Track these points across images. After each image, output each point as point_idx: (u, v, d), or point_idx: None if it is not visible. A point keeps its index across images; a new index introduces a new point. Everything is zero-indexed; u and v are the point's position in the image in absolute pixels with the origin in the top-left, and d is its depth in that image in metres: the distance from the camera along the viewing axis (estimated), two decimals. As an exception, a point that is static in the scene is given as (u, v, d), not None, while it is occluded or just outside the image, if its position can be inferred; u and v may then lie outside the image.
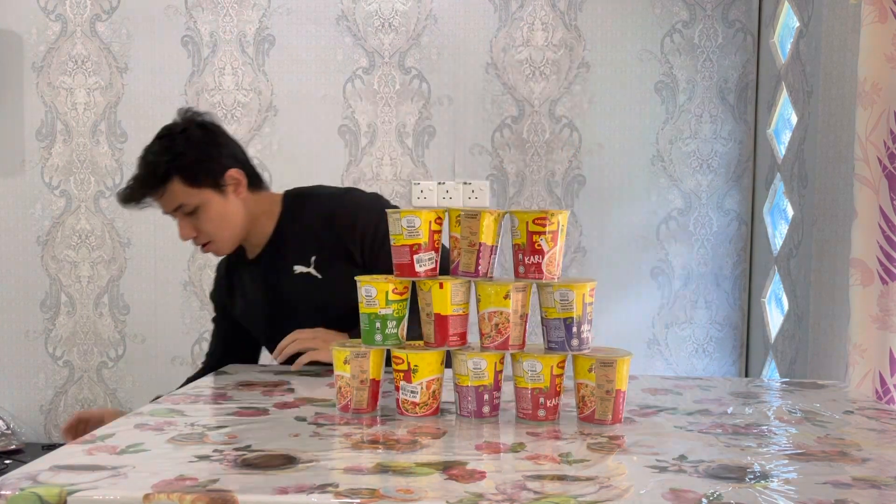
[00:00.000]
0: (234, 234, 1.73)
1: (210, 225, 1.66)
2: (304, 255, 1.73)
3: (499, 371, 1.29)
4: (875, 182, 1.73)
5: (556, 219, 1.28)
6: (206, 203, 1.65)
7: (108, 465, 1.01)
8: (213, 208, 1.66)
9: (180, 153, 1.65)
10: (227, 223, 1.69)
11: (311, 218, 1.74)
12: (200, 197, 1.65)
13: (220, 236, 1.69)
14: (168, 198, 1.64)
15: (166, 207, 1.66)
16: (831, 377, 1.99)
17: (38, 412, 3.02)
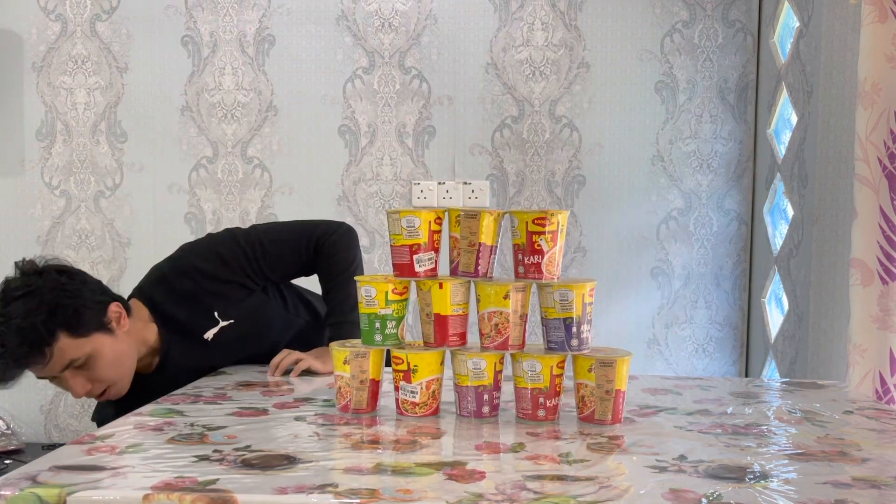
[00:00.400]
0: (131, 370, 1.57)
1: (107, 371, 1.50)
2: (204, 319, 1.64)
3: (499, 371, 1.30)
4: (875, 182, 1.73)
5: (555, 219, 1.28)
6: (99, 349, 1.48)
7: (108, 465, 1.01)
8: (106, 352, 1.49)
9: (57, 305, 1.44)
10: (123, 362, 1.54)
11: (185, 286, 1.63)
12: (92, 344, 1.47)
13: (118, 377, 1.53)
14: (57, 358, 1.43)
15: (54, 370, 1.44)
16: (831, 377, 1.99)
17: (38, 412, 3.02)
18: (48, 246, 2.97)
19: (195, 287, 1.64)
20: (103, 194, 2.95)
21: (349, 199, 2.87)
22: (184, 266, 1.66)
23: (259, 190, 2.90)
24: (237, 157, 2.91)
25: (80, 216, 2.96)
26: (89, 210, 2.96)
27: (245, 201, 2.91)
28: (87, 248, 2.97)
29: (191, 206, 2.93)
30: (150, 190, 2.94)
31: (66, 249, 2.97)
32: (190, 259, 1.66)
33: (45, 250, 2.97)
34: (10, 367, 1.40)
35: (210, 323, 1.65)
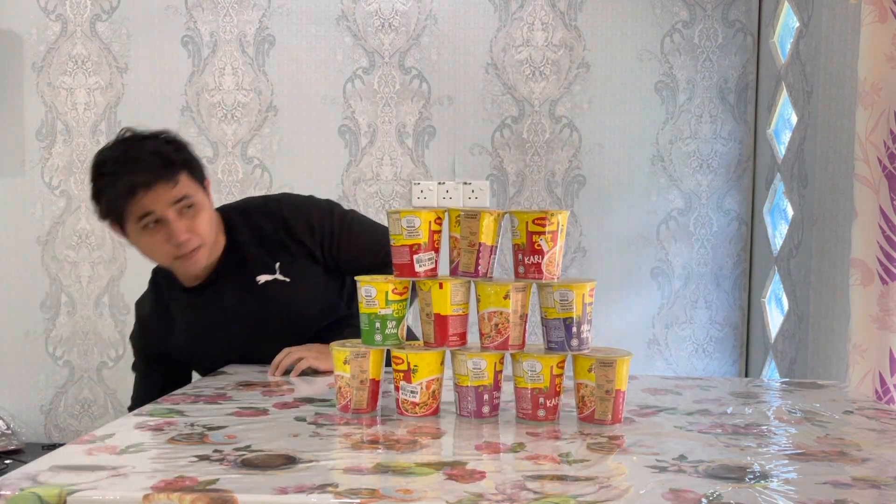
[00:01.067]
0: (215, 243, 1.63)
1: (206, 225, 1.56)
2: (266, 264, 1.66)
3: (499, 371, 1.30)
4: (875, 182, 1.73)
5: (555, 219, 1.28)
6: (203, 202, 1.57)
7: (108, 465, 1.01)
8: (207, 208, 1.59)
9: (184, 146, 1.58)
10: (214, 227, 1.61)
11: (265, 227, 1.67)
12: (200, 195, 1.57)
13: (210, 239, 1.59)
14: (177, 188, 1.51)
15: (169, 199, 1.50)
16: (831, 377, 1.99)
17: (38, 412, 3.02)
18: (48, 246, 2.97)
19: (273, 233, 1.66)
20: (103, 194, 2.95)
21: (349, 199, 2.87)
22: (274, 210, 1.70)
23: (259, 190, 2.90)
24: (237, 157, 2.91)
25: (80, 216, 2.96)
26: (89, 210, 2.96)
27: (245, 201, 2.91)
28: (87, 248, 2.97)
29: (191, 206, 2.92)
30: (150, 190, 2.94)
31: (66, 249, 2.97)
32: (283, 208, 1.70)
33: (45, 250, 2.97)
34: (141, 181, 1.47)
35: (267, 271, 1.66)
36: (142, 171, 1.48)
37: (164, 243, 1.54)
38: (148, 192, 1.49)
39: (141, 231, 1.53)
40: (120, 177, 1.49)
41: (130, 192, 1.48)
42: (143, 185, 1.48)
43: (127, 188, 1.48)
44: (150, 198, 1.50)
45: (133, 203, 1.49)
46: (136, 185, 1.48)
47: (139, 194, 1.48)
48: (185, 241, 1.53)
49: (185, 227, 1.53)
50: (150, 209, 1.51)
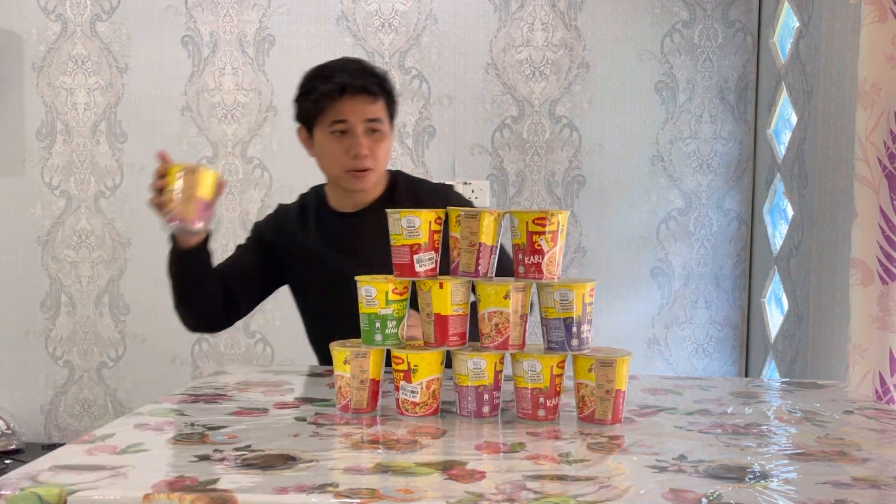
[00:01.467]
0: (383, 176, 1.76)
1: (384, 155, 1.70)
2: None
3: (499, 371, 1.30)
4: (875, 182, 1.73)
5: (556, 219, 1.28)
6: (387, 134, 1.70)
7: (108, 465, 1.01)
8: (388, 142, 1.71)
9: (392, 85, 1.73)
10: (386, 162, 1.73)
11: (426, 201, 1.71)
12: (388, 128, 1.70)
13: (381, 168, 1.72)
14: (374, 107, 1.67)
15: (364, 114, 1.65)
16: (831, 377, 1.99)
17: (38, 412, 3.02)
18: (48, 246, 2.97)
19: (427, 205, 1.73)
20: (103, 194, 2.95)
21: (349, 199, 2.87)
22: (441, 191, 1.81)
23: (259, 190, 2.91)
24: (237, 157, 2.91)
25: (80, 216, 2.96)
26: (89, 210, 2.96)
27: (245, 201, 2.92)
28: (87, 248, 2.97)
29: (191, 206, 2.92)
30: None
31: (66, 249, 2.97)
32: (451, 194, 1.81)
33: (45, 250, 2.97)
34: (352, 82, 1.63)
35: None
36: (357, 78, 1.66)
37: (343, 153, 1.66)
38: (353, 98, 1.64)
39: (328, 136, 1.67)
40: (336, 77, 1.66)
41: (340, 90, 1.63)
42: (352, 88, 1.64)
43: (338, 86, 1.64)
44: (351, 105, 1.64)
45: (337, 104, 1.64)
46: (347, 85, 1.64)
47: (346, 95, 1.64)
48: (363, 157, 1.66)
49: (368, 145, 1.66)
50: (346, 117, 1.65)
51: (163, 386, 2.95)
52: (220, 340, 2.95)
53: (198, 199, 1.46)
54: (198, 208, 1.47)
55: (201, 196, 1.46)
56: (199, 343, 2.95)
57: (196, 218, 1.47)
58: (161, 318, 2.96)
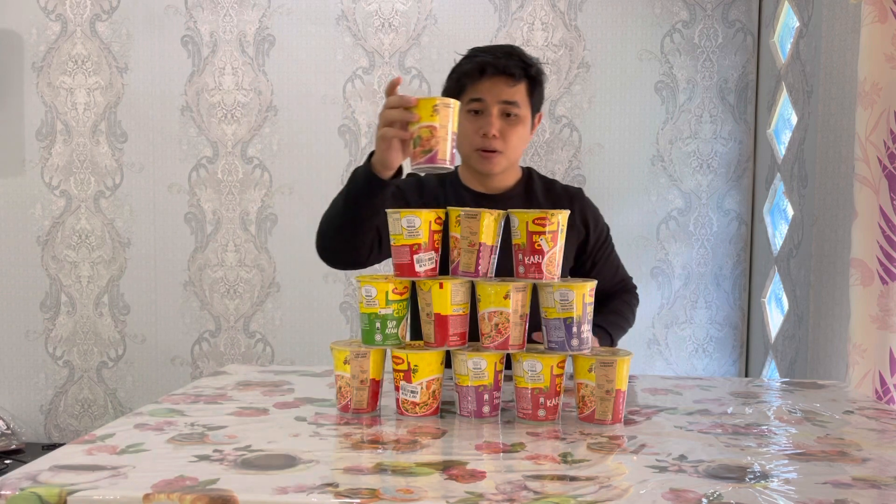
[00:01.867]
0: (515, 163, 1.74)
1: (514, 139, 1.66)
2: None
3: (499, 371, 1.30)
4: (875, 182, 1.73)
5: (556, 219, 1.28)
6: (524, 120, 1.67)
7: (108, 465, 1.01)
8: (524, 129, 1.68)
9: (542, 76, 1.70)
10: (519, 149, 1.70)
11: (562, 198, 1.77)
12: (525, 114, 1.67)
13: (512, 154, 1.68)
14: (513, 90, 1.64)
15: (500, 96, 1.63)
16: (831, 377, 1.99)
17: (38, 412, 3.02)
18: (48, 246, 2.97)
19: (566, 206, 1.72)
20: (103, 194, 2.96)
21: (349, 199, 2.87)
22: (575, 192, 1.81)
23: (259, 190, 2.91)
24: (237, 157, 2.91)
25: (80, 216, 2.96)
26: (89, 210, 2.96)
27: (245, 201, 2.92)
28: (87, 248, 2.97)
29: (191, 206, 2.93)
30: (150, 190, 2.94)
31: (66, 249, 2.97)
32: (583, 195, 1.82)
33: (45, 250, 2.97)
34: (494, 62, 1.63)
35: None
36: (499, 59, 1.64)
37: (475, 132, 1.65)
38: (492, 79, 1.63)
39: (465, 114, 1.66)
40: (480, 58, 1.65)
41: (480, 70, 1.63)
42: (492, 68, 1.63)
43: (479, 65, 1.64)
44: (489, 85, 1.63)
45: (476, 83, 1.64)
46: (487, 65, 1.63)
47: (486, 75, 1.63)
48: (491, 137, 1.64)
49: (499, 128, 1.64)
50: (483, 96, 1.64)
51: (163, 386, 2.95)
52: (219, 340, 2.95)
53: (453, 136, 1.35)
54: (452, 146, 1.35)
55: (454, 132, 1.36)
56: (199, 343, 2.95)
57: (452, 157, 1.36)
58: (161, 318, 2.96)
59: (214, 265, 2.94)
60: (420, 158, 1.33)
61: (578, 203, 1.78)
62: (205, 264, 2.93)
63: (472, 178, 1.75)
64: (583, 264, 1.80)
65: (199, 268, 2.93)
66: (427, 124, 1.34)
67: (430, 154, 1.33)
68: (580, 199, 1.80)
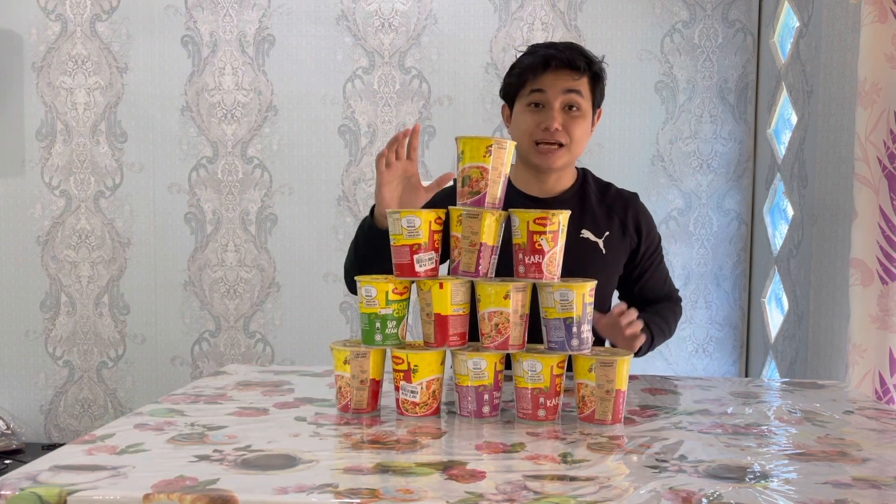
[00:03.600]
0: (577, 155, 1.69)
1: (578, 132, 1.62)
2: (597, 226, 1.69)
3: (499, 371, 1.30)
4: (875, 182, 1.73)
5: (556, 219, 1.28)
6: (585, 115, 1.63)
7: (108, 465, 1.01)
8: (585, 123, 1.64)
9: (603, 73, 1.67)
10: (584, 144, 1.67)
11: (617, 203, 1.74)
12: (587, 108, 1.63)
13: (575, 149, 1.64)
14: (576, 83, 1.61)
15: (564, 84, 1.60)
16: (831, 377, 1.99)
17: (38, 412, 3.02)
18: (48, 246, 2.97)
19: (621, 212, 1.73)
20: (103, 194, 2.95)
21: (349, 199, 2.88)
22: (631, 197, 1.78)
23: (259, 190, 2.91)
24: (237, 157, 2.91)
25: (80, 216, 2.96)
26: (89, 210, 2.96)
27: (245, 201, 2.92)
28: (87, 248, 2.97)
29: (191, 206, 2.93)
30: (150, 190, 2.94)
31: (66, 249, 2.97)
32: (639, 201, 1.79)
33: (45, 250, 2.97)
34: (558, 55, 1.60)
35: (594, 231, 1.69)
36: (563, 52, 1.61)
37: (535, 125, 1.61)
38: (556, 73, 1.59)
39: (524, 108, 1.63)
40: (543, 51, 1.62)
41: (545, 63, 1.60)
42: (556, 61, 1.59)
43: (542, 58, 1.60)
44: (552, 78, 1.60)
45: (539, 76, 1.60)
46: (552, 57, 1.60)
47: (550, 68, 1.59)
48: (553, 130, 1.60)
49: (562, 121, 1.61)
50: (545, 88, 1.60)
51: (163, 386, 2.95)
52: (219, 340, 2.95)
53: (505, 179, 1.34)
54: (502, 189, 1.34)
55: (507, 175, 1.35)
56: (199, 343, 2.95)
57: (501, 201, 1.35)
58: (161, 318, 2.96)
59: (214, 265, 2.94)
60: (466, 199, 1.32)
61: (633, 209, 1.74)
62: (205, 264, 2.93)
63: (527, 179, 1.70)
64: (631, 272, 1.75)
65: (199, 268, 2.93)
66: (477, 164, 1.32)
67: (478, 196, 1.32)
68: (634, 204, 1.75)
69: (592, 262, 1.67)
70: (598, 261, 1.68)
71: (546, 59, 1.59)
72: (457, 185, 1.35)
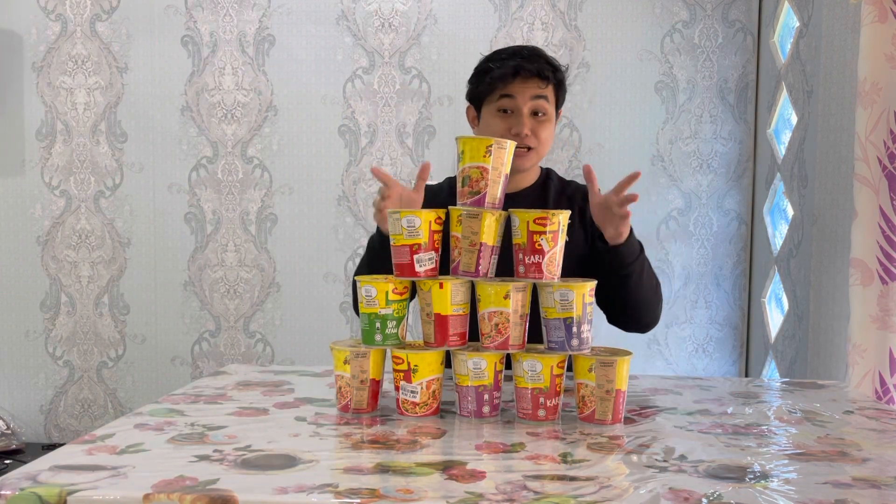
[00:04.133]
0: (542, 158, 1.77)
1: (545, 135, 1.72)
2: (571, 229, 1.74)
3: (499, 371, 1.30)
4: (875, 182, 1.73)
5: (556, 219, 1.28)
6: (550, 119, 1.73)
7: (108, 465, 1.01)
8: (551, 126, 1.73)
9: (561, 68, 1.75)
10: (550, 144, 1.76)
11: (575, 193, 1.80)
12: (551, 110, 1.73)
13: (542, 150, 1.74)
14: (543, 90, 1.70)
15: (531, 94, 1.68)
16: (831, 377, 1.99)
17: (38, 412, 3.02)
18: (48, 246, 2.97)
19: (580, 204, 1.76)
20: (103, 194, 2.95)
21: (349, 198, 2.88)
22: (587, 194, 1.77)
23: (259, 190, 2.91)
24: (237, 157, 2.91)
25: (80, 216, 2.96)
26: (89, 210, 2.96)
27: (245, 201, 2.92)
28: (87, 248, 2.97)
29: (191, 206, 2.93)
30: (150, 190, 2.94)
31: (66, 249, 2.97)
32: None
33: (45, 250, 2.97)
34: (527, 66, 1.67)
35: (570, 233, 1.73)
36: (531, 62, 1.69)
37: (506, 130, 1.69)
38: (524, 81, 1.68)
39: (493, 114, 1.72)
40: (512, 60, 1.70)
41: (515, 72, 1.68)
42: (525, 71, 1.68)
43: (512, 69, 1.68)
44: (521, 86, 1.69)
45: (508, 84, 1.68)
46: (521, 68, 1.68)
47: (519, 77, 1.68)
48: (524, 135, 1.68)
49: (531, 126, 1.69)
50: (515, 95, 1.69)
51: (163, 386, 2.95)
52: (220, 340, 2.95)
53: (505, 179, 1.37)
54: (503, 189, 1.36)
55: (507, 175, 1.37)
56: (199, 343, 2.95)
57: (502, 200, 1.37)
58: (161, 318, 2.96)
59: (214, 265, 2.94)
60: (466, 199, 1.34)
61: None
62: (205, 264, 2.93)
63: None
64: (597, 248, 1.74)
65: (199, 268, 2.93)
66: (477, 164, 1.33)
67: (478, 196, 1.33)
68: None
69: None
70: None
71: (516, 70, 1.68)
72: (457, 185, 1.35)
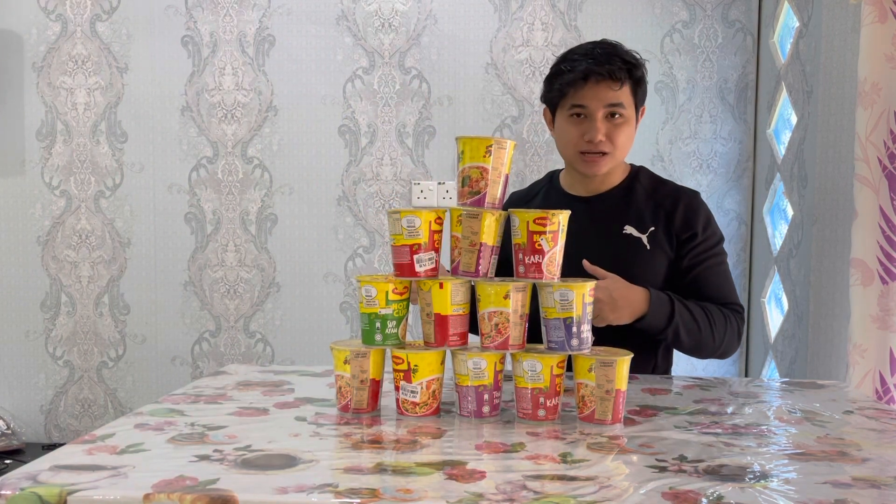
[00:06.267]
0: (621, 161, 1.71)
1: (622, 139, 1.65)
2: (642, 222, 1.69)
3: (499, 371, 1.30)
4: (875, 182, 1.73)
5: (556, 219, 1.28)
6: (630, 120, 1.66)
7: (108, 465, 1.01)
8: (630, 128, 1.66)
9: (643, 69, 1.68)
10: (626, 148, 1.69)
11: (666, 201, 1.71)
12: (630, 114, 1.65)
13: (619, 154, 1.67)
14: (617, 94, 1.62)
15: (605, 99, 1.62)
16: (831, 377, 1.99)
17: (38, 412, 3.02)
18: (48, 246, 2.97)
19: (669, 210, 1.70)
20: (103, 194, 2.95)
21: (349, 199, 2.88)
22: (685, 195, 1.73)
23: (259, 190, 2.91)
24: (237, 157, 2.91)
25: (80, 216, 2.96)
26: (89, 210, 2.96)
27: (245, 201, 2.92)
28: (87, 248, 2.97)
29: (191, 206, 2.93)
30: (150, 190, 2.94)
31: (66, 249, 2.97)
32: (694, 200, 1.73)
33: (45, 250, 2.97)
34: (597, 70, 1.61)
35: (638, 227, 1.69)
36: (601, 64, 1.61)
37: (579, 136, 1.65)
38: (596, 84, 1.61)
39: (567, 118, 1.66)
40: (583, 63, 1.63)
41: (584, 77, 1.62)
42: (596, 74, 1.61)
43: (582, 74, 1.62)
44: (593, 91, 1.62)
45: (580, 89, 1.63)
46: (591, 72, 1.61)
47: (590, 81, 1.61)
48: (597, 141, 1.63)
49: (605, 130, 1.63)
50: (586, 103, 1.63)
51: (163, 386, 2.95)
52: (220, 340, 2.95)
53: (506, 179, 1.35)
54: (503, 189, 1.35)
55: (507, 175, 1.35)
56: (199, 343, 2.95)
57: (502, 200, 1.36)
58: (161, 318, 2.96)
59: (214, 265, 2.94)
60: (466, 199, 1.33)
61: (684, 204, 1.70)
62: (205, 264, 2.93)
63: (574, 182, 1.75)
64: (679, 266, 1.69)
65: (199, 268, 2.93)
66: (477, 164, 1.32)
67: (478, 197, 1.32)
68: (688, 200, 1.71)
69: (636, 258, 1.68)
70: (643, 256, 1.68)
71: (586, 74, 1.61)
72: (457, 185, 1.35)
